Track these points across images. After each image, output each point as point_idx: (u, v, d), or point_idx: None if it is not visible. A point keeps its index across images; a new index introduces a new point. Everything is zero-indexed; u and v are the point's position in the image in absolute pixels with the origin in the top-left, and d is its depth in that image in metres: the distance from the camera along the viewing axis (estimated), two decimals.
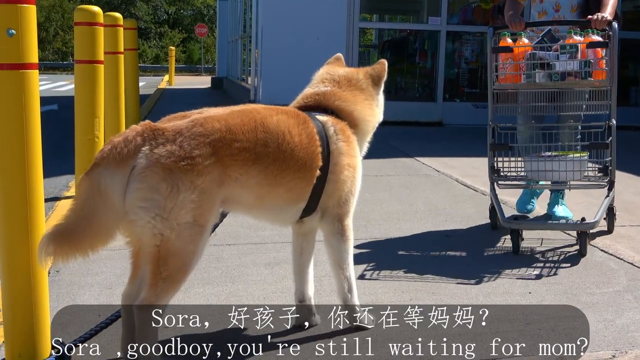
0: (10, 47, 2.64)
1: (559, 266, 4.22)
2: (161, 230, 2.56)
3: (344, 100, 3.11)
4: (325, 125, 2.98)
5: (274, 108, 2.92)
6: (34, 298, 2.81)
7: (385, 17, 17.76)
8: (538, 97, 4.77)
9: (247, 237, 4.79)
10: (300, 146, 2.84)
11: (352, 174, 3.03)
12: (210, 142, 2.62)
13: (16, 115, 2.69)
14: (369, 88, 3.22)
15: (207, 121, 2.67)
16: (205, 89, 24.23)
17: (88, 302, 3.59)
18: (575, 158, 4.57)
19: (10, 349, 2.81)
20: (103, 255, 4.36)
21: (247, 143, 2.70)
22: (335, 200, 3.00)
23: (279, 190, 2.85)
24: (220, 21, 25.98)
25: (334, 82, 3.18)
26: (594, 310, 3.52)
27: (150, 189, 2.54)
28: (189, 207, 2.58)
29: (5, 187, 2.74)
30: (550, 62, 4.53)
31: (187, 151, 2.57)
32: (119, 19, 6.04)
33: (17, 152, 2.71)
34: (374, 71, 3.26)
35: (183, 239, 2.60)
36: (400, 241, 4.81)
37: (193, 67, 44.49)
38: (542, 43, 4.60)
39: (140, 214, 2.55)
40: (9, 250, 2.79)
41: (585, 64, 4.47)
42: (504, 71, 4.67)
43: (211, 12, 51.01)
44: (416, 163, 8.09)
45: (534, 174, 4.69)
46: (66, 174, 6.91)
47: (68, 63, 41.67)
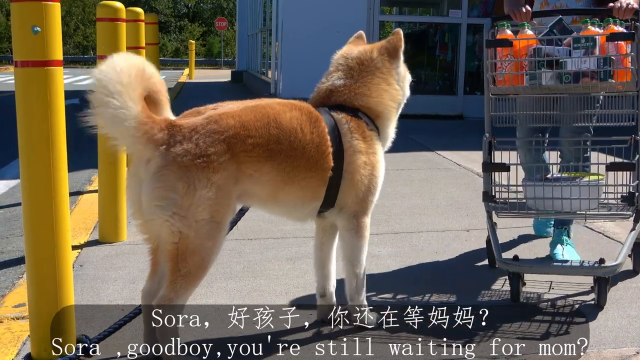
0: (35, 45, 2.67)
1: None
2: (179, 228, 2.58)
3: (359, 96, 3.03)
4: (339, 123, 2.94)
5: (288, 104, 2.89)
6: (59, 293, 2.84)
7: (405, 9, 17.70)
8: (542, 103, 3.92)
9: (268, 232, 4.80)
10: (312, 144, 2.82)
11: (369, 172, 2.98)
12: (225, 139, 2.63)
13: (41, 111, 2.72)
14: (385, 65, 3.10)
15: (221, 118, 2.67)
16: (226, 83, 24.27)
17: (112, 296, 3.61)
18: (590, 182, 3.67)
19: (36, 343, 2.84)
20: (126, 249, 4.41)
21: (261, 139, 2.70)
22: (353, 198, 2.97)
23: (292, 188, 2.84)
24: (240, 15, 26.00)
25: (347, 70, 3.09)
26: (617, 306, 3.50)
27: (168, 187, 2.56)
28: (206, 204, 2.59)
29: (31, 183, 2.77)
30: (561, 60, 3.53)
31: (203, 149, 2.58)
32: (140, 14, 6.05)
33: (42, 148, 2.74)
34: (389, 44, 3.14)
35: (201, 236, 2.61)
36: (421, 236, 4.80)
37: (213, 60, 44.56)
38: (550, 35, 3.63)
39: (158, 213, 2.57)
40: (34, 245, 2.82)
41: (605, 62, 3.47)
42: (502, 71, 3.70)
43: (231, 5, 51.04)
44: (437, 157, 8.07)
45: (538, 202, 3.72)
46: (88, 168, 6.97)
47: (89, 57, 41.87)
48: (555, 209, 3.67)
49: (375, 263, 4.09)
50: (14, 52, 2.74)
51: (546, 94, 3.80)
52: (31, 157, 2.76)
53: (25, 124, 2.74)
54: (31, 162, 2.76)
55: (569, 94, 3.74)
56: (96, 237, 4.68)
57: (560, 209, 3.67)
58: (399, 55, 3.15)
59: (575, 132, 3.94)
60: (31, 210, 2.81)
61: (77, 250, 4.36)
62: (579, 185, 3.63)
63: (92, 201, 5.46)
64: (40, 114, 2.72)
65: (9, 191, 6.56)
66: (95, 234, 4.73)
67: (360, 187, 2.96)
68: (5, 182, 6.99)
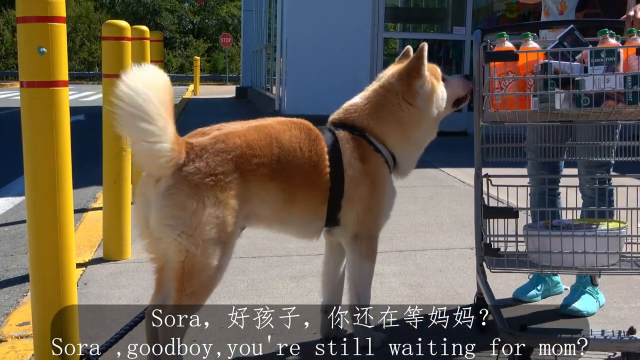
0: (41, 65, 2.69)
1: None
2: (186, 247, 2.57)
3: (367, 118, 3.02)
4: (340, 141, 2.92)
5: (288, 122, 2.89)
6: (63, 312, 2.84)
7: (409, 26, 17.76)
8: (552, 133, 3.47)
9: (272, 250, 4.80)
10: (310, 163, 2.81)
11: (369, 193, 2.94)
12: (232, 158, 2.64)
13: (47, 131, 2.74)
14: (401, 89, 3.03)
15: (228, 137, 2.68)
16: (230, 99, 24.32)
17: (116, 314, 3.61)
18: (610, 232, 3.04)
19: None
20: (130, 267, 4.41)
21: (265, 158, 2.71)
22: (353, 218, 2.95)
23: (295, 207, 2.84)
24: (244, 31, 26.11)
25: (370, 92, 3.09)
26: (622, 325, 3.48)
27: (177, 206, 2.55)
28: (213, 223, 2.59)
29: (36, 201, 2.79)
30: (576, 78, 2.88)
31: (212, 167, 2.59)
32: (145, 32, 6.10)
33: (48, 168, 2.76)
34: (408, 65, 3.06)
35: (207, 256, 2.61)
36: (425, 254, 4.79)
37: (217, 76, 44.72)
38: (561, 48, 2.97)
39: (167, 232, 2.57)
40: (38, 262, 2.84)
41: (634, 81, 2.79)
42: (501, 92, 3.00)
43: (235, 21, 51.25)
44: (441, 174, 8.07)
45: (543, 256, 3.09)
46: (93, 185, 6.98)
47: (94, 73, 42.03)
48: (565, 264, 3.04)
49: (380, 281, 4.08)
50: (20, 73, 2.76)
51: (552, 122, 3.25)
52: (36, 176, 2.78)
53: (30, 143, 2.76)
54: (36, 182, 2.78)
55: (586, 121, 3.14)
56: (100, 254, 4.68)
57: (571, 265, 3.04)
58: (420, 73, 3.03)
59: (592, 170, 3.56)
60: (36, 228, 2.82)
61: (82, 268, 4.37)
62: (596, 236, 3.00)
63: (97, 218, 5.46)
64: (46, 134, 2.74)
65: (14, 208, 6.58)
66: (100, 251, 4.73)
67: (359, 207, 2.94)
68: (10, 199, 7.01)
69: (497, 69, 3.04)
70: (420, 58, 3.03)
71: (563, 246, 3.01)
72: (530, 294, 3.83)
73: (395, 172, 3.13)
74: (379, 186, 2.99)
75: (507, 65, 3.01)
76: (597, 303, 3.68)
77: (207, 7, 55.21)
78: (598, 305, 3.68)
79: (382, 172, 3.01)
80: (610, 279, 4.05)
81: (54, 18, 2.71)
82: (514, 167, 3.46)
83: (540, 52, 3.02)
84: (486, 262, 3.18)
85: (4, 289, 4.15)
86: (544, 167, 3.74)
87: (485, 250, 3.16)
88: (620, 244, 3.08)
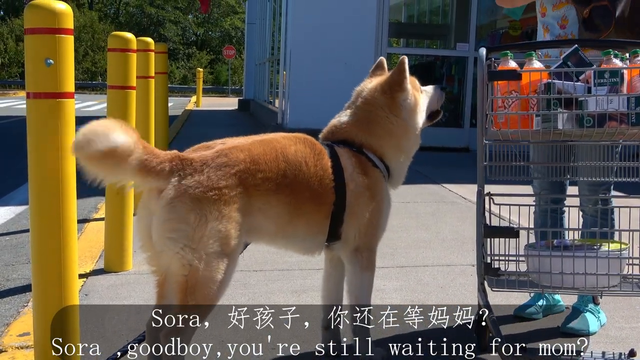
0: (48, 77, 2.71)
1: None
2: (190, 261, 2.57)
3: (361, 135, 3.04)
4: (341, 157, 2.95)
5: (292, 137, 2.91)
6: (64, 324, 2.85)
7: (412, 42, 17.82)
8: (555, 152, 3.44)
9: (273, 264, 4.80)
10: (315, 178, 2.83)
11: (371, 206, 2.97)
12: (235, 173, 2.64)
13: (52, 142, 2.76)
14: (387, 103, 3.06)
15: (231, 152, 2.68)
16: (233, 111, 24.37)
17: (116, 327, 3.60)
18: (611, 253, 3.05)
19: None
20: (131, 279, 4.41)
21: (270, 173, 2.72)
22: (355, 231, 2.97)
23: (299, 222, 2.85)
24: (248, 44, 26.20)
25: (355, 109, 3.11)
26: (623, 345, 3.48)
27: (179, 219, 2.55)
28: (216, 237, 2.59)
29: (40, 212, 2.80)
30: (579, 98, 2.90)
31: (215, 181, 2.59)
32: (150, 44, 6.12)
33: (52, 179, 2.78)
34: (391, 79, 3.08)
35: (210, 269, 2.60)
36: (426, 270, 4.79)
37: (220, 88, 44.79)
38: (564, 67, 3.00)
39: (169, 245, 2.56)
40: (41, 271, 2.84)
41: (638, 102, 2.84)
42: (504, 110, 3.02)
43: (239, 34, 51.46)
44: (443, 190, 8.08)
45: (543, 276, 3.10)
46: (94, 195, 6.98)
47: (97, 83, 42.16)
48: (566, 285, 3.05)
49: (381, 297, 4.08)
50: (27, 84, 2.78)
51: (554, 142, 3.24)
52: (41, 186, 2.79)
53: (36, 154, 2.78)
54: (41, 192, 2.79)
55: (588, 141, 3.14)
56: (102, 265, 4.68)
57: (571, 285, 3.05)
58: (403, 87, 3.06)
59: (594, 189, 3.55)
60: (39, 238, 2.83)
61: (83, 279, 4.37)
62: (597, 257, 3.00)
63: (98, 229, 5.47)
64: (51, 145, 2.75)
65: (15, 217, 6.58)
66: (101, 262, 4.73)
67: (362, 221, 2.96)
68: (11, 208, 7.01)
69: (501, 87, 3.07)
70: (402, 72, 3.06)
71: (563, 267, 3.01)
72: (530, 311, 3.82)
73: (389, 183, 3.16)
74: (379, 200, 3.02)
75: (511, 84, 3.03)
76: (599, 322, 3.67)
77: (210, 20, 55.45)
78: (599, 324, 3.67)
79: (382, 186, 3.05)
80: (611, 298, 4.03)
81: (61, 30, 2.73)
82: (516, 184, 3.46)
83: (543, 72, 3.02)
84: (487, 281, 3.18)
85: (4, 298, 4.15)
86: (551, 186, 3.73)
87: (486, 270, 3.16)
88: (622, 265, 3.07)
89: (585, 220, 3.62)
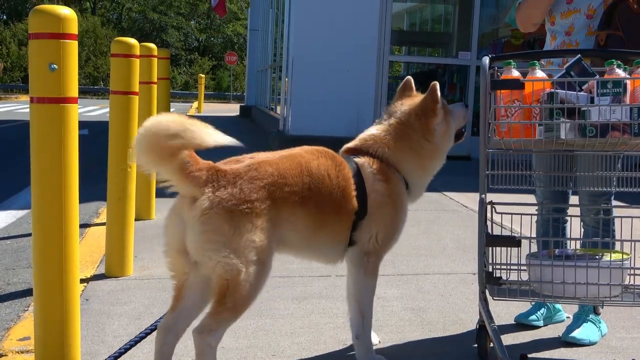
0: (52, 82, 2.72)
1: None
2: (232, 267, 2.65)
3: (392, 154, 3.14)
4: (362, 167, 3.05)
5: (314, 151, 3.01)
6: (65, 327, 2.85)
7: (414, 50, 17.84)
8: (558, 162, 3.43)
9: (274, 270, 4.71)
10: (338, 189, 2.93)
11: (392, 213, 3.07)
12: (264, 186, 2.74)
13: (55, 146, 2.76)
14: (421, 127, 3.19)
15: (261, 166, 2.79)
16: (234, 117, 24.38)
17: (116, 332, 3.60)
18: (613, 263, 3.03)
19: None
20: (132, 284, 4.41)
21: (296, 187, 2.82)
22: (369, 237, 3.04)
23: (323, 232, 2.94)
24: (250, 50, 26.22)
25: (388, 127, 3.22)
26: (624, 355, 3.48)
27: (215, 231, 2.64)
28: (252, 247, 2.67)
29: (42, 216, 2.81)
30: (582, 108, 2.90)
31: (247, 194, 2.69)
32: (153, 49, 6.13)
33: (55, 184, 2.78)
34: (424, 104, 3.22)
35: (250, 274, 2.69)
36: (427, 278, 4.79)
37: (222, 94, 44.85)
38: (568, 77, 3.00)
39: (211, 255, 2.65)
40: (42, 277, 2.84)
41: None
42: (507, 119, 3.02)
43: (241, 40, 51.52)
44: (444, 198, 8.08)
45: (544, 286, 3.09)
46: (95, 200, 6.99)
47: (99, 87, 42.20)
48: (567, 294, 3.05)
49: (382, 305, 4.08)
50: (30, 88, 2.78)
51: (557, 151, 3.21)
52: (43, 190, 2.80)
53: (39, 158, 2.78)
54: (43, 196, 2.79)
55: (590, 150, 3.12)
56: (102, 270, 4.68)
57: (572, 295, 3.04)
58: (436, 112, 3.20)
59: (594, 199, 3.56)
60: (41, 242, 2.84)
61: (83, 283, 4.36)
62: (598, 267, 2.99)
63: (99, 234, 5.47)
64: (54, 149, 2.76)
65: (16, 221, 6.58)
66: (102, 267, 4.73)
67: (380, 227, 3.04)
68: (12, 212, 7.01)
69: (504, 96, 3.07)
70: (435, 98, 3.19)
71: (565, 276, 3.00)
72: (531, 318, 3.83)
73: (408, 196, 3.23)
74: (399, 207, 3.12)
75: (514, 93, 3.02)
76: (600, 332, 3.66)
77: (213, 26, 55.52)
78: (600, 334, 3.66)
79: (402, 192, 3.14)
80: (612, 309, 4.04)
81: (65, 35, 2.74)
82: (518, 193, 3.46)
83: (546, 81, 3.02)
84: (488, 290, 3.18)
85: (4, 303, 4.14)
86: (553, 195, 3.72)
87: (487, 279, 3.15)
88: (623, 275, 3.06)
89: (586, 230, 3.63)
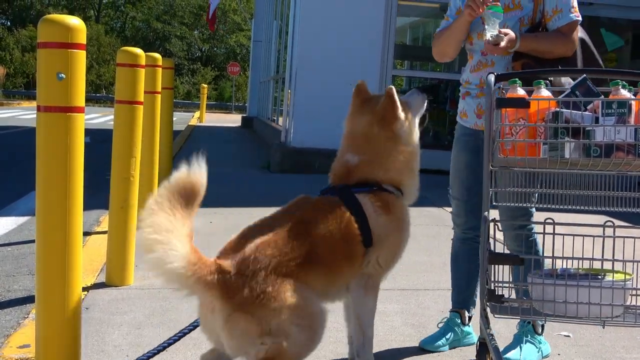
0: (59, 91, 2.74)
1: None
2: (271, 348, 2.62)
3: (378, 171, 3.11)
4: (364, 206, 3.00)
5: (311, 209, 2.95)
6: (66, 336, 2.85)
7: (416, 64, 17.88)
8: (560, 181, 3.25)
9: None
10: (343, 240, 2.90)
11: (393, 239, 3.07)
12: (272, 270, 2.67)
13: (61, 155, 2.78)
14: (389, 134, 3.13)
15: (260, 251, 2.71)
16: (236, 128, 24.42)
17: (116, 341, 3.60)
18: (615, 283, 2.97)
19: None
20: (132, 294, 4.41)
21: (300, 259, 2.76)
22: (371, 258, 3.02)
23: (338, 280, 2.94)
24: (253, 61, 26.27)
25: (357, 147, 3.16)
26: None
27: (244, 334, 2.62)
28: (286, 323, 2.64)
29: (46, 224, 2.81)
30: (587, 128, 2.89)
31: (256, 289, 2.63)
32: (158, 59, 6.15)
33: (60, 192, 2.79)
34: (384, 111, 3.13)
35: (296, 344, 2.67)
36: (427, 294, 4.79)
37: (224, 104, 44.94)
38: (572, 97, 2.97)
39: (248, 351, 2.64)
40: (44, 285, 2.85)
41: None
42: (511, 138, 3.01)
43: (244, 51, 51.67)
44: (444, 213, 8.07)
45: (547, 305, 3.02)
46: (97, 208, 6.99)
47: (101, 95, 42.27)
48: (569, 314, 2.97)
49: (382, 320, 4.08)
50: (38, 97, 2.80)
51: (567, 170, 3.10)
52: (48, 198, 2.81)
53: (44, 166, 2.80)
54: (48, 204, 2.80)
55: (598, 171, 3.04)
56: (103, 279, 4.68)
57: (574, 314, 2.97)
58: (397, 115, 3.12)
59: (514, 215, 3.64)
60: (44, 249, 2.85)
61: (84, 292, 4.36)
62: (600, 287, 2.95)
63: (100, 243, 5.47)
64: (60, 158, 2.78)
65: (17, 228, 6.58)
66: (102, 276, 4.73)
67: (382, 251, 3.03)
68: (14, 218, 7.01)
69: (509, 115, 3.04)
70: (393, 102, 3.11)
71: (567, 296, 2.96)
72: (437, 344, 3.78)
73: (406, 200, 3.23)
74: (403, 229, 3.13)
75: (519, 111, 3.00)
76: (540, 353, 3.61)
77: (216, 36, 55.70)
78: (540, 355, 3.62)
79: (404, 213, 3.14)
80: (613, 329, 4.03)
81: (74, 45, 2.76)
82: None
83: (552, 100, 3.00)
84: (489, 307, 3.13)
85: (4, 309, 4.15)
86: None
87: (489, 297, 3.10)
88: (625, 296, 3.03)
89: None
